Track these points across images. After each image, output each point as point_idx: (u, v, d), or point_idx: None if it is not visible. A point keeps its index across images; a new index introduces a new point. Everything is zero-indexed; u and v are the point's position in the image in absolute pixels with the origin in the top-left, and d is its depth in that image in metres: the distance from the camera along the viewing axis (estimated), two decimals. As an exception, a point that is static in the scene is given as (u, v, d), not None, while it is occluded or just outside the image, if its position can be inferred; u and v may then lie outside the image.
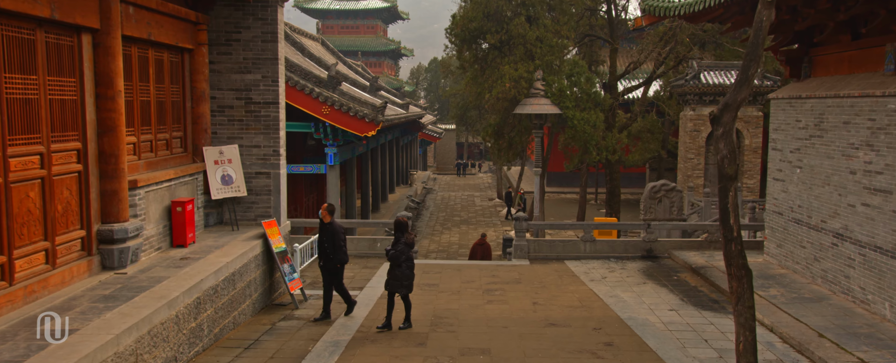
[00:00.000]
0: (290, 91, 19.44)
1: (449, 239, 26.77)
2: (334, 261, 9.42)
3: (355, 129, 19.58)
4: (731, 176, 6.80)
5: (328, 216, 9.46)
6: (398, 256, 8.71)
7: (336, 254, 9.38)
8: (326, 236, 9.44)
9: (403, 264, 8.76)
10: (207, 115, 10.38)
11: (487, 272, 13.33)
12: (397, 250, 8.73)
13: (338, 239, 9.34)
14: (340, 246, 9.40)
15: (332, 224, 9.41)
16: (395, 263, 8.77)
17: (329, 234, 9.39)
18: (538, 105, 19.64)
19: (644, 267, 14.19)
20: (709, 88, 23.58)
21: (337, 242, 9.34)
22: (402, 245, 8.76)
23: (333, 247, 9.37)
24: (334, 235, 9.33)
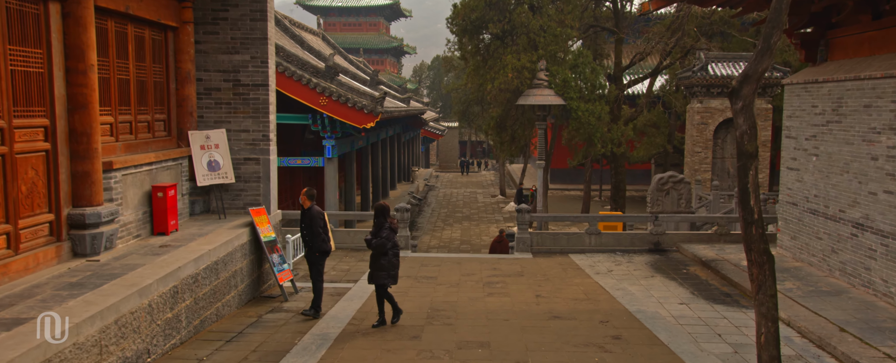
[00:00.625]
0: (287, 81, 18.95)
1: (451, 235, 26.23)
2: (313, 250, 8.82)
3: (354, 120, 19.06)
4: (752, 153, 6.23)
5: (307, 201, 8.84)
6: (384, 243, 7.98)
7: (314, 241, 8.77)
8: (305, 222, 8.85)
9: (390, 252, 8.09)
10: (193, 98, 9.86)
11: (488, 265, 12.79)
12: (383, 237, 7.99)
13: (316, 225, 8.70)
14: (319, 233, 8.74)
15: (311, 209, 8.79)
16: (380, 251, 8.02)
17: (307, 220, 8.79)
18: (541, 96, 19.09)
19: (652, 260, 13.63)
20: (717, 80, 23.00)
21: (315, 229, 8.71)
22: (387, 231, 8.03)
23: (312, 235, 8.74)
24: (313, 221, 8.71)
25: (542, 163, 19.63)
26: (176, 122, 9.67)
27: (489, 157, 68.38)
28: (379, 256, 8.09)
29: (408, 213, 14.75)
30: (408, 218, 14.79)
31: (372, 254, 8.18)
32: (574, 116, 19.94)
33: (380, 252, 8.06)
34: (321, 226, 8.76)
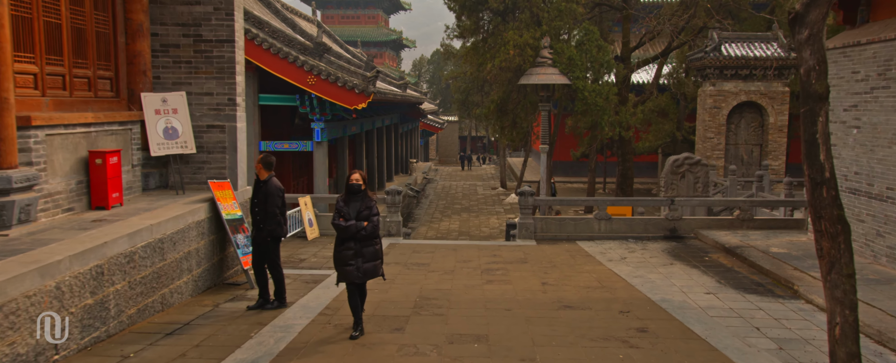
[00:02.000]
0: (272, 59, 17.63)
1: (448, 226, 24.91)
2: (264, 233, 7.21)
3: (344, 100, 17.73)
4: (822, 95, 4.90)
5: (264, 171, 7.29)
6: (377, 227, 6.19)
7: (267, 222, 7.16)
8: (258, 198, 7.25)
9: (377, 240, 6.31)
10: (147, 55, 8.53)
11: (488, 252, 11.47)
12: (374, 222, 6.15)
13: (271, 203, 7.15)
14: (274, 213, 7.16)
15: (267, 183, 7.26)
16: (376, 231, 6.18)
17: (262, 196, 7.20)
18: (545, 75, 17.74)
19: (668, 247, 12.31)
20: (730, 61, 21.64)
21: (269, 208, 7.14)
22: (376, 212, 6.22)
23: (264, 214, 7.18)
24: (268, 198, 7.15)
25: (545, 147, 18.28)
26: (126, 82, 8.34)
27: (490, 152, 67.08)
28: (365, 243, 6.21)
29: (399, 197, 13.44)
30: (400, 201, 13.48)
31: (352, 244, 6.25)
32: (580, 97, 18.60)
33: (369, 237, 6.19)
34: (278, 205, 7.24)
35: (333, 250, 6.21)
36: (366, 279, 6.22)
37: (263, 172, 7.32)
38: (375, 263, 6.25)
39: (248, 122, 18.27)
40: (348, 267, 6.13)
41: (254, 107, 18.28)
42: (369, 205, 6.15)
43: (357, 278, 6.15)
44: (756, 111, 22.51)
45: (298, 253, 11.47)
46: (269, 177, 7.34)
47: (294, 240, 12.78)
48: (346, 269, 6.14)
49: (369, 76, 18.09)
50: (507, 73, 19.11)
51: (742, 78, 21.99)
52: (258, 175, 7.33)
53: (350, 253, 6.11)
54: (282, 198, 7.34)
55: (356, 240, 6.08)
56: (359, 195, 6.19)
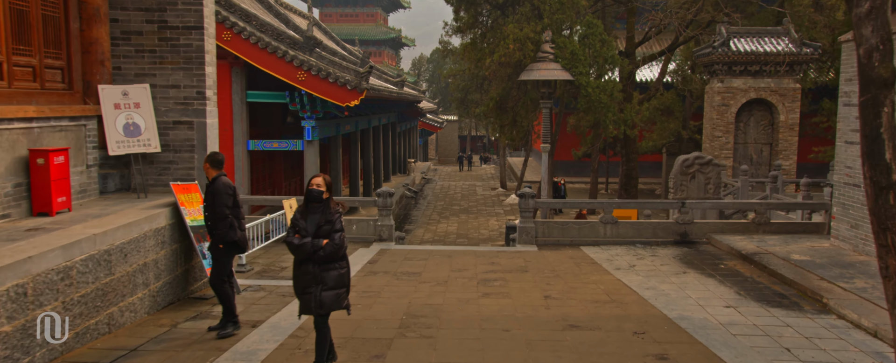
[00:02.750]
0: (260, 54, 16.79)
1: (446, 228, 24.06)
2: (215, 239, 6.35)
3: (336, 97, 16.87)
4: (886, 81, 4.05)
5: (212, 170, 6.41)
6: (343, 242, 5.05)
7: (216, 226, 6.31)
8: (208, 198, 6.40)
9: (343, 263, 5.15)
10: (105, 43, 7.67)
11: (485, 259, 10.60)
12: (337, 240, 4.98)
13: (218, 202, 6.24)
14: (224, 215, 6.26)
15: (216, 182, 6.34)
16: (337, 252, 5.01)
17: (209, 198, 6.35)
18: (547, 70, 16.89)
19: (680, 253, 11.44)
20: (739, 57, 20.77)
21: (217, 208, 6.25)
22: (339, 228, 5.06)
23: (214, 217, 6.30)
24: (215, 198, 6.26)
25: (547, 146, 17.42)
26: (80, 72, 7.48)
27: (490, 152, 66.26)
28: (325, 266, 5.07)
29: (391, 199, 12.58)
30: (391, 204, 12.62)
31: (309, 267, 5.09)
32: (583, 94, 17.73)
33: (329, 258, 5.03)
34: (227, 204, 6.32)
35: (292, 274, 5.21)
36: (323, 311, 5.03)
37: (211, 171, 6.42)
38: (338, 292, 5.07)
39: (236, 121, 17.41)
40: (306, 295, 5.04)
41: (242, 104, 17.42)
42: (331, 218, 5.01)
43: (314, 310, 5.03)
44: (766, 109, 21.64)
45: (280, 260, 10.62)
46: (218, 175, 6.42)
47: (279, 246, 11.92)
48: (304, 299, 5.07)
49: (362, 72, 17.24)
50: (506, 69, 18.24)
51: (751, 74, 21.12)
52: (206, 175, 6.47)
53: (308, 278, 5.00)
54: (233, 198, 6.43)
55: (314, 262, 4.98)
56: (320, 205, 5.07)
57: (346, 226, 12.80)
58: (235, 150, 17.53)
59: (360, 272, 9.46)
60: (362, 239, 12.60)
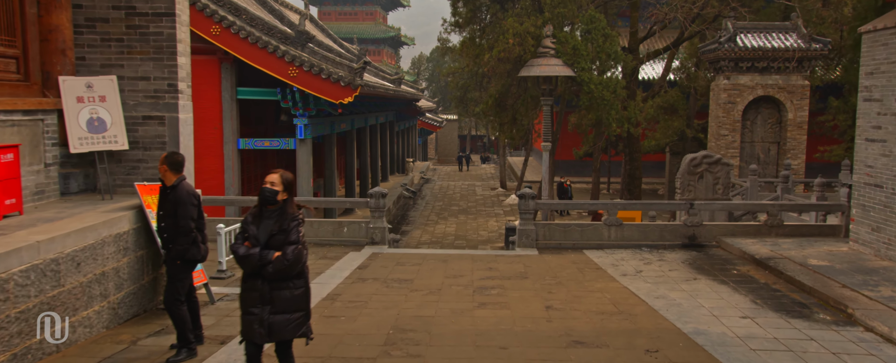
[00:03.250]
0: (250, 49, 16.18)
1: (444, 229, 23.44)
2: (173, 255, 5.51)
3: (329, 94, 16.24)
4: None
5: (170, 174, 5.56)
6: (299, 257, 4.24)
7: (176, 239, 5.47)
8: (165, 208, 5.56)
9: (299, 282, 4.33)
10: (67, 30, 7.04)
11: (482, 264, 9.97)
12: (290, 254, 4.18)
13: (182, 214, 5.43)
14: (186, 229, 5.46)
15: (176, 189, 5.53)
16: (290, 269, 4.21)
17: (170, 205, 5.50)
18: (547, 66, 16.24)
19: (689, 258, 10.81)
20: (746, 53, 20.13)
21: (181, 221, 5.43)
22: (295, 240, 4.25)
23: (173, 230, 5.48)
24: (177, 207, 5.45)
25: (548, 144, 16.77)
26: (39, 62, 6.85)
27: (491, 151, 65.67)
28: (278, 284, 4.27)
29: (383, 200, 11.94)
30: (384, 205, 11.98)
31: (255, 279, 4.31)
32: (585, 91, 17.09)
33: (284, 273, 4.23)
34: (192, 216, 5.54)
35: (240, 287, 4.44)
36: (273, 339, 4.21)
37: (170, 175, 5.61)
38: (290, 317, 4.21)
39: (226, 118, 16.79)
40: (249, 316, 4.20)
41: (232, 101, 16.79)
42: (287, 225, 4.20)
43: (258, 336, 4.18)
44: (773, 106, 21.01)
45: (265, 265, 9.98)
46: (179, 180, 5.61)
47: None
48: (246, 319, 4.24)
49: (356, 68, 16.61)
50: (506, 65, 17.60)
51: (759, 71, 20.48)
52: (163, 179, 5.66)
53: (255, 296, 4.19)
54: (198, 208, 5.67)
55: (264, 278, 4.17)
56: (276, 209, 4.27)
57: (337, 228, 12.17)
58: (225, 148, 16.90)
59: (347, 279, 8.83)
60: (354, 242, 11.97)
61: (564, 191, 25.78)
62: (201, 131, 16.75)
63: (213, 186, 16.57)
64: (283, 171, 4.38)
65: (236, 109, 16.85)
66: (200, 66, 16.57)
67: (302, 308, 4.33)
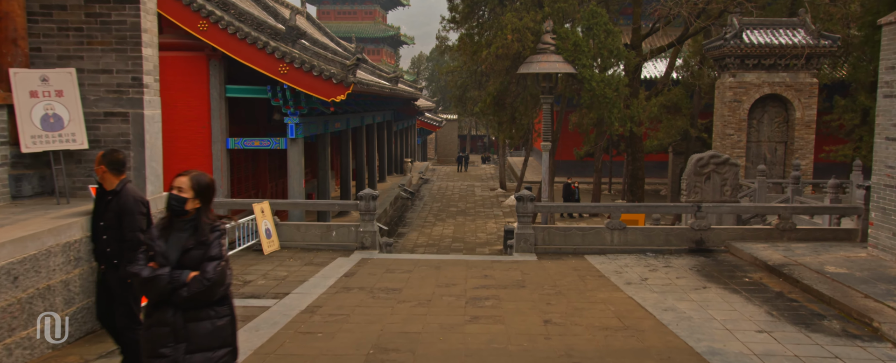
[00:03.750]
0: (239, 45, 15.55)
1: (442, 231, 22.83)
2: (123, 274, 4.72)
3: (320, 92, 15.61)
4: None
5: (111, 175, 4.78)
6: (222, 276, 3.46)
7: (124, 255, 4.72)
8: (107, 217, 4.75)
9: (222, 308, 3.55)
10: (19, 18, 6.43)
11: (477, 271, 9.35)
12: (211, 273, 3.42)
13: (129, 224, 4.66)
14: (134, 241, 4.63)
15: (120, 195, 4.74)
16: (210, 293, 3.42)
17: (112, 215, 4.71)
18: (547, 63, 15.63)
19: (696, 264, 10.19)
20: (752, 50, 19.49)
21: (127, 233, 4.69)
22: (216, 254, 3.47)
23: (120, 242, 4.72)
24: (123, 217, 4.67)
25: (547, 144, 16.15)
26: (-14, 54, 6.24)
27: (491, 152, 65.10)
28: (192, 317, 3.46)
29: (374, 202, 11.33)
30: (375, 208, 11.37)
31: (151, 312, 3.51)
32: (587, 88, 16.47)
33: (196, 300, 3.42)
34: (142, 227, 4.73)
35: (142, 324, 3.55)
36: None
37: (110, 177, 4.83)
38: (217, 355, 3.42)
39: (214, 117, 16.14)
40: (159, 359, 3.37)
41: (220, 99, 16.15)
42: (205, 238, 3.42)
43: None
44: (780, 105, 20.38)
45: (247, 271, 9.38)
46: (122, 184, 4.85)
47: (248, 254, 10.70)
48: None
49: (349, 64, 15.98)
50: (504, 62, 16.98)
51: (765, 68, 19.85)
52: (102, 183, 4.89)
53: (164, 332, 3.37)
54: (147, 217, 4.90)
55: (175, 306, 3.36)
56: (190, 220, 3.49)
57: (325, 232, 11.55)
58: (213, 148, 16.26)
59: (331, 288, 8.21)
60: (343, 246, 11.35)
61: (571, 193, 25.04)
62: (189, 131, 16.14)
63: (200, 187, 15.98)
64: (196, 173, 3.55)
65: (225, 108, 16.21)
66: (187, 62, 15.96)
67: (227, 343, 3.52)
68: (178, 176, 3.54)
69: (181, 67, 15.98)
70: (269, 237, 11.00)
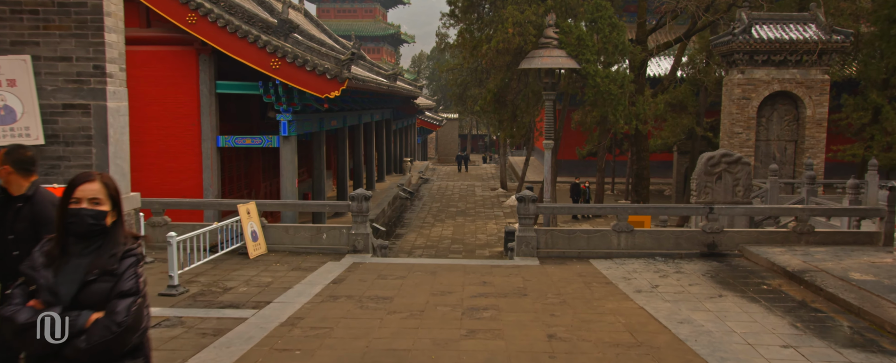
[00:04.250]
0: (230, 39, 14.93)
1: (441, 232, 22.21)
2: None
3: (314, 88, 14.98)
4: None
5: (18, 177, 3.85)
6: (138, 319, 2.59)
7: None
8: (20, 227, 3.83)
9: (140, 354, 2.71)
10: (-33, 0, 5.82)
11: (476, 277, 8.72)
12: (122, 316, 2.54)
13: (40, 229, 3.72)
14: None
15: (33, 200, 3.87)
16: (120, 342, 2.54)
17: (24, 223, 3.82)
18: (550, 58, 15.01)
19: (709, 269, 9.55)
20: (762, 45, 18.84)
21: (33, 244, 3.56)
22: (132, 289, 2.61)
23: (19, 257, 3.71)
24: (38, 227, 3.74)
25: (550, 142, 15.53)
26: (-72, 38, 5.62)
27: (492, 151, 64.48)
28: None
29: (367, 203, 10.70)
30: (367, 209, 10.74)
31: None
32: (591, 84, 15.83)
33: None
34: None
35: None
36: None
37: (18, 180, 3.88)
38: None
39: (204, 114, 15.49)
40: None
41: (210, 95, 15.49)
42: (114, 265, 2.61)
43: None
44: (790, 102, 19.72)
45: (228, 277, 8.75)
46: (33, 186, 3.94)
47: (233, 257, 10.07)
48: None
49: (343, 59, 15.36)
50: (505, 57, 16.35)
51: (775, 64, 19.19)
52: (7, 186, 3.91)
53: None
54: None
55: (64, 359, 2.47)
56: (94, 240, 2.66)
57: (315, 234, 10.91)
58: (203, 146, 15.62)
59: (317, 296, 7.58)
60: (333, 250, 10.72)
61: (581, 193, 24.25)
62: (177, 128, 15.52)
63: (189, 187, 15.34)
64: (102, 176, 2.74)
65: (215, 104, 15.57)
66: (176, 57, 15.35)
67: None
68: (83, 183, 2.67)
69: (170, 62, 15.33)
70: (255, 240, 10.37)
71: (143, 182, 15.29)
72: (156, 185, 15.18)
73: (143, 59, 15.17)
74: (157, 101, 15.45)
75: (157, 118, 15.45)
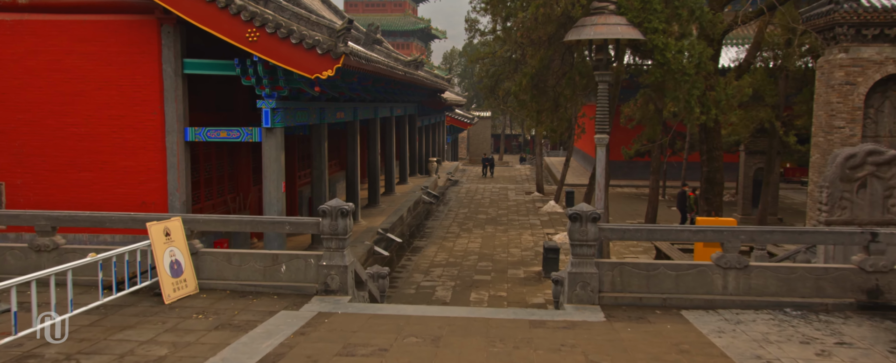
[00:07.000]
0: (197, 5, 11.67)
1: (466, 245, 18.66)
2: None
3: (301, 66, 11.56)
4: None
5: None
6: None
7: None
8: None
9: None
10: None
11: (506, 347, 5.15)
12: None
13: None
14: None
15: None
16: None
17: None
18: (606, 26, 11.31)
19: (888, 337, 5.81)
20: (874, 16, 14.80)
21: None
22: None
23: None
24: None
25: (603, 136, 11.74)
26: None
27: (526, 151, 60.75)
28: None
29: (344, 220, 7.18)
30: (345, 228, 7.22)
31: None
32: (659, 61, 12.09)
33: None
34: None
35: None
36: None
37: None
38: None
39: (168, 100, 12.14)
40: None
41: (176, 77, 12.13)
42: None
43: None
44: (907, 89, 15.64)
45: (96, 346, 5.34)
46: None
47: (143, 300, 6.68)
48: None
49: (338, 29, 11.89)
50: (546, 27, 12.68)
51: (890, 40, 15.15)
52: None
53: None
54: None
55: None
56: None
57: (270, 266, 7.44)
58: (168, 139, 12.27)
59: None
60: (295, 289, 7.26)
61: (686, 204, 19.33)
62: (135, 117, 12.23)
63: (151, 190, 12.02)
64: None
65: (183, 88, 12.22)
66: (133, 29, 12.12)
67: None
68: None
69: (125, 35, 12.02)
70: (177, 275, 6.96)
71: (92, 185, 12.06)
72: (109, 189, 11.97)
73: (92, 31, 11.95)
74: (109, 83, 12.19)
75: (111, 105, 12.18)
